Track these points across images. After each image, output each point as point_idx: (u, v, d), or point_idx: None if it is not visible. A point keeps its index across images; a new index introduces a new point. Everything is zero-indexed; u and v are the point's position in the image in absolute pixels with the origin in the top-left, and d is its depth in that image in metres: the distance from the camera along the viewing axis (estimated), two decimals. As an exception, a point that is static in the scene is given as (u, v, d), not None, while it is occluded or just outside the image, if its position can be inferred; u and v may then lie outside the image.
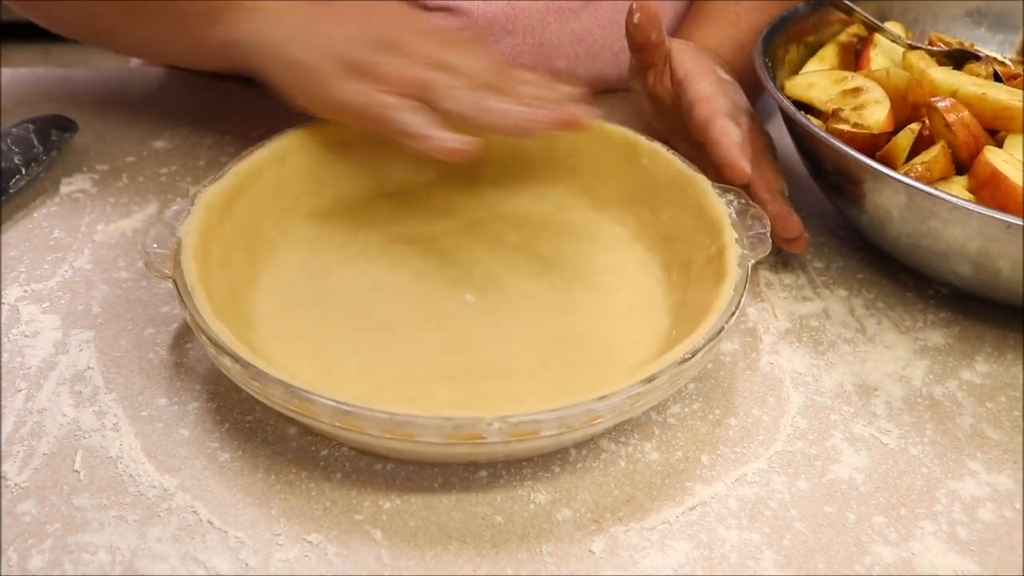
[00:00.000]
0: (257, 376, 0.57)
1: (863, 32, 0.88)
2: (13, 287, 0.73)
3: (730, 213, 0.71)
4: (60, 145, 0.85)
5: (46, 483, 0.60)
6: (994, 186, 0.70)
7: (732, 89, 0.80)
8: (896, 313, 0.75)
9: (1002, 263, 0.68)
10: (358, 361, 0.66)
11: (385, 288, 0.72)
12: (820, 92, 0.81)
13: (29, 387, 0.66)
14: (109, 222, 0.80)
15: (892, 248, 0.75)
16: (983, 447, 0.65)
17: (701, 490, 0.62)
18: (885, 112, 0.76)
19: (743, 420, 0.66)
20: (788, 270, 0.78)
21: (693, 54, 0.82)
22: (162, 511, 0.59)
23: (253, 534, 0.58)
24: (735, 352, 0.71)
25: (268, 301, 0.70)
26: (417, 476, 0.62)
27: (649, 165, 0.77)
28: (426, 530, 0.59)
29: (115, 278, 0.75)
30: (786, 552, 0.58)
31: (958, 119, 0.74)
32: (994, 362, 0.71)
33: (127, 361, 0.68)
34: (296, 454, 0.63)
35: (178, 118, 0.92)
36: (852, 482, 0.62)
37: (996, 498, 0.62)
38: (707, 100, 0.77)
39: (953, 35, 0.93)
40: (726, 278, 0.66)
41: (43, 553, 0.56)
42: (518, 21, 0.92)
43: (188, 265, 0.64)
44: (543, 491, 0.61)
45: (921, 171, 0.72)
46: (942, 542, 0.59)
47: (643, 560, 0.57)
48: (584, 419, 0.57)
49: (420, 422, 0.55)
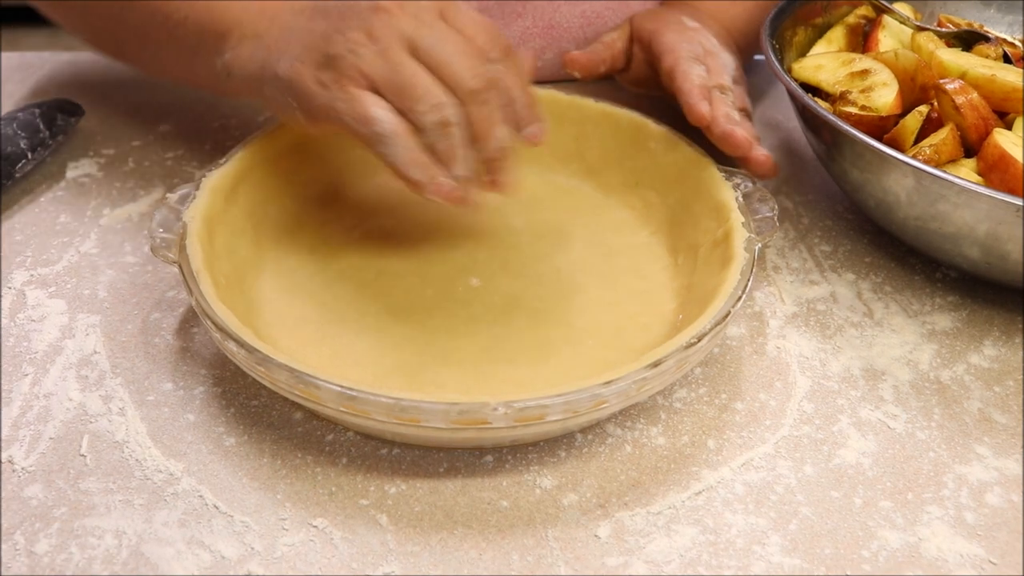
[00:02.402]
0: (262, 361, 0.57)
1: (871, 14, 0.88)
2: (19, 271, 0.73)
3: (737, 196, 0.70)
4: (66, 129, 0.85)
5: (53, 467, 0.60)
6: (1003, 169, 0.70)
7: (698, 35, 0.82)
8: (904, 297, 0.75)
9: (1011, 246, 0.68)
10: (363, 346, 0.66)
11: (390, 273, 0.71)
12: (828, 74, 0.80)
13: (36, 371, 0.66)
14: (115, 206, 0.80)
15: (900, 231, 0.75)
16: (990, 431, 0.65)
17: (707, 475, 0.61)
18: (893, 94, 0.76)
19: (749, 405, 0.66)
20: (795, 253, 0.78)
21: (653, 14, 0.87)
22: (168, 495, 0.59)
23: (259, 518, 0.58)
24: (742, 336, 0.71)
25: (273, 286, 0.70)
26: (423, 461, 0.62)
27: (656, 149, 0.77)
28: (431, 515, 0.59)
29: (121, 263, 0.75)
30: (792, 537, 0.58)
31: (967, 101, 0.73)
32: (1002, 346, 0.71)
33: (133, 346, 0.68)
34: (302, 439, 0.63)
35: (183, 102, 0.92)
36: (859, 466, 0.62)
37: (1003, 482, 0.62)
38: (671, 50, 0.80)
39: (962, 16, 0.92)
40: (733, 262, 0.65)
41: (50, 537, 0.57)
42: (528, 3, 0.92)
43: (193, 250, 0.64)
44: (549, 476, 0.61)
45: (929, 154, 0.72)
46: (949, 527, 0.59)
47: (649, 545, 0.57)
48: (590, 404, 0.57)
49: (425, 407, 0.55)
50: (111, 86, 0.94)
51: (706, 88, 0.77)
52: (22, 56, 0.98)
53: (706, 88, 0.77)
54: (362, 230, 0.75)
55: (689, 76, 0.77)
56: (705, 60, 0.80)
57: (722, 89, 0.78)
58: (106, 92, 0.93)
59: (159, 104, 0.92)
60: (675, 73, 0.78)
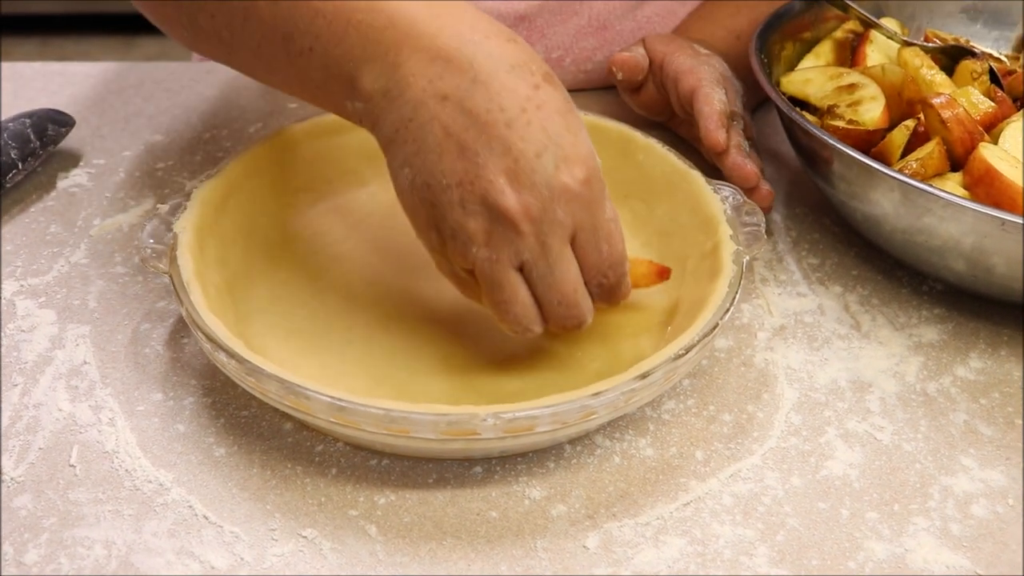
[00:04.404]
0: (253, 372, 0.58)
1: (859, 28, 0.88)
2: (9, 281, 0.74)
3: (725, 209, 0.71)
4: (57, 140, 0.85)
5: (42, 477, 0.60)
6: (989, 183, 0.71)
7: (712, 59, 0.83)
8: (890, 309, 0.75)
9: (996, 259, 0.68)
10: (353, 356, 0.66)
11: (380, 283, 0.72)
12: (816, 88, 0.81)
13: (25, 381, 0.66)
14: (105, 217, 0.80)
15: (887, 244, 0.75)
16: (976, 443, 0.65)
17: (695, 486, 0.62)
18: (880, 108, 0.77)
19: (737, 416, 0.66)
20: (783, 266, 0.79)
21: (666, 38, 0.88)
22: (158, 506, 0.59)
23: (248, 529, 0.58)
24: (730, 348, 0.71)
25: (264, 297, 0.70)
26: (412, 472, 0.62)
27: (645, 160, 0.77)
28: (421, 525, 0.59)
29: (111, 273, 0.75)
30: (780, 548, 0.58)
31: (953, 115, 0.74)
32: (988, 358, 0.72)
33: (123, 356, 0.68)
34: (291, 449, 0.63)
35: (174, 113, 0.92)
36: (846, 478, 0.63)
37: (989, 494, 0.62)
38: (690, 71, 0.82)
39: (949, 31, 0.93)
40: (721, 274, 0.66)
41: (39, 547, 0.57)
42: (585, 3, 0.94)
43: (184, 261, 0.64)
44: (537, 487, 0.61)
45: (916, 168, 0.72)
46: (935, 538, 0.59)
47: (637, 556, 0.58)
48: (579, 415, 0.57)
49: (415, 418, 0.55)
50: (101, 96, 0.94)
51: (725, 115, 0.78)
52: (13, 66, 0.98)
53: (725, 115, 0.78)
54: (352, 241, 0.75)
55: (711, 100, 0.79)
56: (724, 84, 0.81)
57: (736, 117, 0.80)
58: (97, 102, 0.93)
59: (150, 115, 0.92)
60: (697, 94, 0.80)
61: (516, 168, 0.57)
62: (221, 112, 0.92)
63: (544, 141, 0.57)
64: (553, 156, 0.57)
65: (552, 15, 0.93)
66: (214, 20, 0.65)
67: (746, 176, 0.78)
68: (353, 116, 0.63)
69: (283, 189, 0.75)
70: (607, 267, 0.61)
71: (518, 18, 0.92)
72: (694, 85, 0.80)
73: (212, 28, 0.66)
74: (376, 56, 0.59)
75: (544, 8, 0.93)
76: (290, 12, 0.61)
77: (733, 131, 0.79)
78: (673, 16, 0.97)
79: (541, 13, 0.93)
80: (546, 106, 0.58)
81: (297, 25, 0.61)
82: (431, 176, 0.58)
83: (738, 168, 0.78)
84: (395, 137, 0.59)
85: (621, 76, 0.87)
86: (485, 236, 0.58)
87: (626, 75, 0.87)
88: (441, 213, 0.58)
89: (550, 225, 0.58)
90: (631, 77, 0.87)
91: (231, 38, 0.65)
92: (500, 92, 0.57)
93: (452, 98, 0.57)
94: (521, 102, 0.58)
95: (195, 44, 0.70)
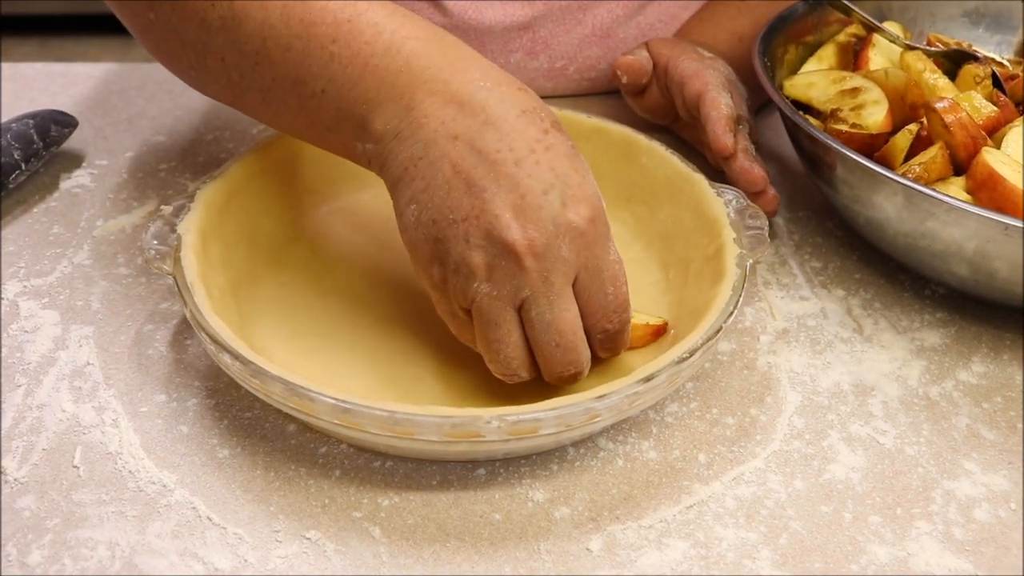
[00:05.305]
0: (256, 373, 0.58)
1: (862, 32, 0.88)
2: (12, 282, 0.74)
3: (728, 212, 0.71)
4: (60, 141, 0.85)
5: (45, 478, 0.60)
6: (991, 187, 0.71)
7: (717, 63, 0.84)
8: (893, 313, 0.75)
9: (999, 264, 0.68)
10: (357, 358, 0.66)
11: (384, 285, 0.72)
12: (819, 92, 0.81)
13: (29, 382, 0.66)
14: (108, 218, 0.80)
15: (890, 248, 0.75)
16: (979, 447, 0.65)
17: (698, 489, 0.62)
18: (883, 112, 0.77)
19: (740, 419, 0.66)
20: (786, 269, 0.79)
21: (669, 41, 0.88)
22: (161, 507, 0.59)
23: (252, 530, 0.58)
24: (733, 352, 0.71)
25: (267, 298, 0.70)
26: (416, 474, 0.62)
27: (648, 163, 0.77)
28: (424, 527, 0.59)
29: (114, 274, 0.75)
30: (782, 551, 0.58)
31: (956, 120, 0.74)
32: (990, 362, 0.72)
33: (126, 357, 0.68)
34: (295, 451, 0.63)
35: (177, 114, 0.92)
36: (848, 482, 0.63)
37: (991, 498, 0.62)
38: (696, 75, 0.82)
39: (951, 35, 0.93)
40: (724, 277, 0.66)
41: (42, 548, 0.57)
42: (588, 11, 0.94)
43: (188, 262, 0.64)
44: (541, 489, 0.61)
45: (919, 172, 0.72)
46: (938, 542, 0.59)
47: (640, 559, 0.58)
48: (583, 418, 0.57)
49: (419, 420, 0.56)
50: (104, 97, 0.94)
51: (732, 119, 0.79)
52: (15, 67, 0.99)
53: (732, 119, 0.79)
54: (357, 243, 0.75)
55: (718, 104, 0.79)
56: (729, 88, 0.81)
57: (742, 121, 0.80)
58: (99, 103, 0.93)
59: (153, 116, 0.92)
60: (704, 99, 0.80)
61: (523, 203, 0.57)
62: (224, 113, 0.92)
63: (551, 180, 0.58)
64: (560, 194, 0.58)
65: (555, 25, 0.93)
66: (223, 63, 0.65)
67: (754, 180, 0.78)
68: (362, 157, 0.63)
69: (287, 191, 0.75)
70: (611, 311, 0.61)
71: (522, 28, 0.92)
72: (701, 89, 0.81)
73: (221, 70, 0.66)
74: (391, 98, 0.60)
75: (547, 18, 0.93)
76: (303, 56, 0.62)
77: (740, 135, 0.79)
78: (676, 20, 0.98)
79: (545, 23, 0.93)
80: (554, 149, 0.59)
81: (311, 69, 0.62)
82: (438, 212, 0.59)
83: (746, 172, 0.78)
84: (403, 176, 0.60)
85: (625, 79, 0.88)
86: (487, 271, 0.58)
87: (630, 78, 0.87)
88: (445, 248, 0.59)
89: (553, 262, 0.58)
90: (635, 80, 0.87)
91: (240, 79, 0.65)
92: (510, 133, 0.59)
93: (463, 137, 0.59)
94: (530, 143, 0.59)
95: (201, 84, 0.70)
